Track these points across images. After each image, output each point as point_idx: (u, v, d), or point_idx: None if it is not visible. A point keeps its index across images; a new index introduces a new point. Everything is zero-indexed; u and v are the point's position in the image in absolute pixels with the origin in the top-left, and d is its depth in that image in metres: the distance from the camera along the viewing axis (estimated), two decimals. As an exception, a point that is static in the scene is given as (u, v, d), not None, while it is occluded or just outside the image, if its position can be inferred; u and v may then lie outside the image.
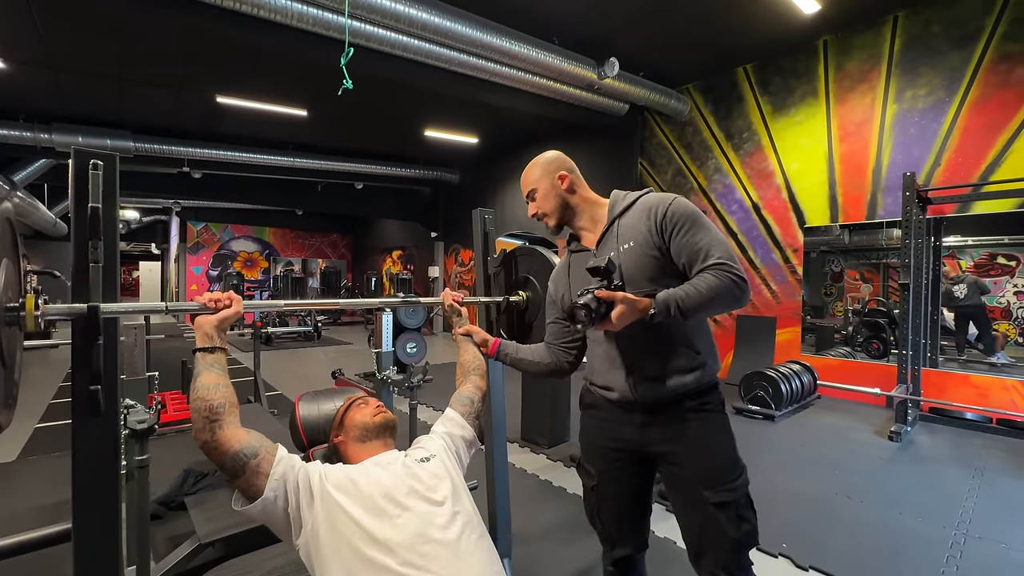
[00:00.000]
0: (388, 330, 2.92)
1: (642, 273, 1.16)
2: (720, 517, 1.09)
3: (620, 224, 1.24)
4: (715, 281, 1.06)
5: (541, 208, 1.34)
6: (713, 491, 1.10)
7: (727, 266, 1.07)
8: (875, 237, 6.30)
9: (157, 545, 1.97)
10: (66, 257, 0.91)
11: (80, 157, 0.88)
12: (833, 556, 2.08)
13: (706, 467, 1.13)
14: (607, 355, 1.22)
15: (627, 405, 1.20)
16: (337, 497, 0.96)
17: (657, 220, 1.15)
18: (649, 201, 1.21)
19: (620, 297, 1.04)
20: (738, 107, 5.72)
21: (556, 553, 2.10)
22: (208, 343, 1.00)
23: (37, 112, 6.63)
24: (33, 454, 3.28)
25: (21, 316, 0.79)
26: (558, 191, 1.32)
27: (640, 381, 1.17)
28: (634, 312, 1.04)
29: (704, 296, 1.05)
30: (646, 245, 1.16)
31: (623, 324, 1.05)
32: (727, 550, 1.10)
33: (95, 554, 0.87)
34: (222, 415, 0.92)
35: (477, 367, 1.42)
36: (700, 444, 1.15)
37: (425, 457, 1.12)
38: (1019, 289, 6.50)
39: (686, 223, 1.13)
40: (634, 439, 1.21)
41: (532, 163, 1.36)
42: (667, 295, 1.06)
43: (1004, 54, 4.03)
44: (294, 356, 7.62)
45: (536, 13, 4.52)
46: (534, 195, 1.35)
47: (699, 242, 1.11)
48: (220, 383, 0.95)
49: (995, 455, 3.31)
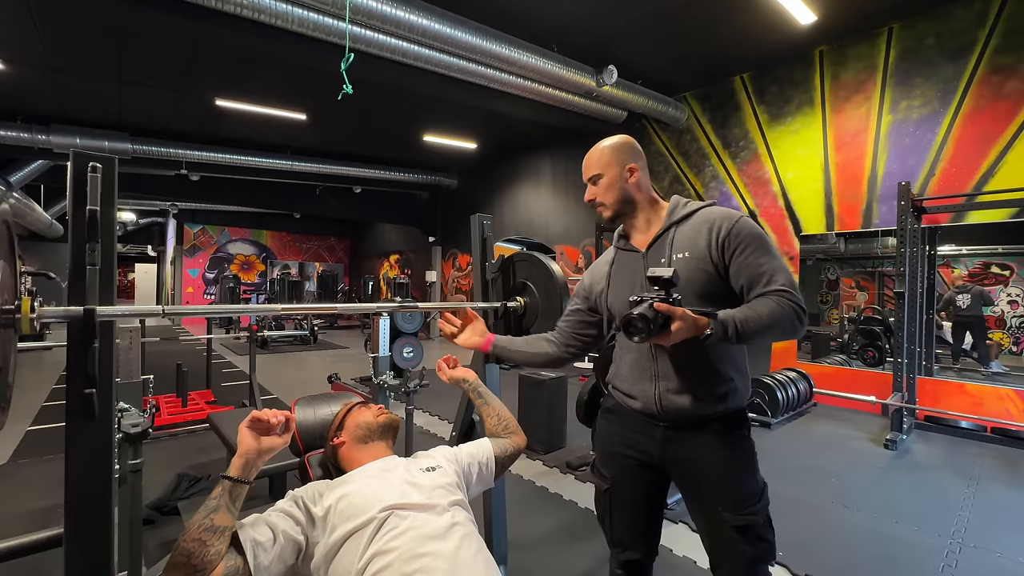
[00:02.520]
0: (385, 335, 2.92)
1: (691, 286, 1.11)
2: (739, 539, 1.09)
3: (677, 231, 1.18)
4: (776, 308, 1.03)
5: (601, 197, 1.25)
6: (733, 514, 1.09)
7: (790, 294, 1.04)
8: (870, 245, 6.35)
9: (149, 550, 1.95)
10: (61, 258, 0.90)
11: (79, 159, 0.88)
12: (829, 564, 2.07)
13: (728, 491, 1.11)
14: (637, 364, 1.19)
15: (649, 417, 1.18)
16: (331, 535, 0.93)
17: (719, 236, 1.11)
18: (712, 214, 1.15)
19: (680, 313, 0.97)
20: (735, 115, 5.77)
21: (552, 560, 2.09)
22: (243, 475, 0.91)
23: (35, 113, 6.62)
24: (24, 457, 3.25)
25: (17, 318, 0.78)
26: (624, 183, 1.23)
27: (666, 395, 1.13)
28: (691, 330, 0.99)
29: (764, 323, 1.02)
30: (701, 259, 1.12)
31: (678, 340, 0.99)
32: (744, 566, 1.10)
33: (86, 559, 0.86)
34: (208, 571, 0.81)
35: (507, 426, 1.36)
36: (723, 468, 1.12)
37: (431, 467, 1.11)
38: (1013, 298, 6.55)
39: (751, 244, 1.09)
40: (653, 452, 1.18)
41: (602, 145, 1.25)
42: (727, 316, 1.01)
43: (997, 66, 4.08)
44: (290, 360, 7.58)
45: (536, 20, 4.55)
46: (597, 180, 1.25)
47: (762, 265, 1.07)
48: (226, 528, 0.84)
49: (989, 464, 3.32)
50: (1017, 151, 3.98)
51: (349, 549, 0.92)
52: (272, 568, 0.88)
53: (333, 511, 0.96)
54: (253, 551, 0.86)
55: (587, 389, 3.14)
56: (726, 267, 1.11)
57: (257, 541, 0.88)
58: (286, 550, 0.91)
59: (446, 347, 9.45)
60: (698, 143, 6.15)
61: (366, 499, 0.98)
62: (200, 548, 0.80)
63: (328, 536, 0.93)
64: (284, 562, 0.91)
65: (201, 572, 0.79)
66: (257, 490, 2.39)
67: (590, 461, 3.22)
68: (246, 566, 0.84)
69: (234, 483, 0.89)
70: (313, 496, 1.00)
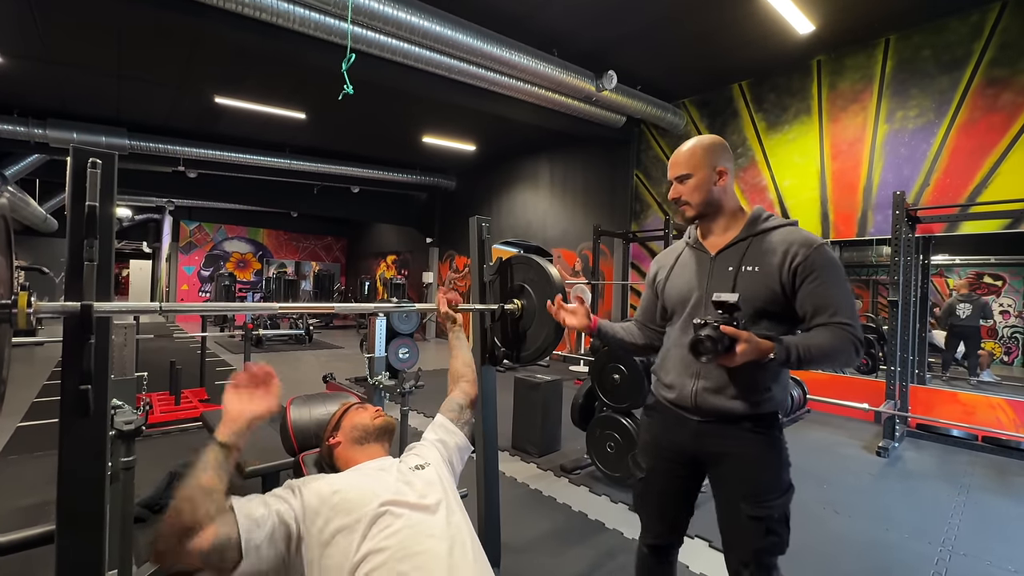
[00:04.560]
0: (381, 335, 2.92)
1: (753, 301, 1.15)
2: (751, 527, 1.15)
3: (752, 243, 1.20)
4: (838, 342, 1.08)
5: (687, 196, 1.25)
6: (749, 505, 1.15)
7: (852, 328, 1.08)
8: (865, 254, 6.39)
9: (140, 549, 1.93)
10: (54, 253, 0.90)
11: (79, 155, 0.88)
12: (820, 570, 2.08)
13: (749, 484, 1.17)
14: (683, 359, 1.21)
15: (681, 409, 1.24)
16: (321, 521, 0.93)
17: (794, 260, 1.13)
18: (792, 236, 1.17)
19: (745, 336, 1.04)
20: (733, 122, 5.81)
21: (545, 562, 2.09)
22: (233, 438, 0.90)
23: (32, 107, 6.58)
24: (14, 453, 3.22)
25: (13, 313, 0.78)
26: (712, 185, 1.23)
27: (702, 393, 1.19)
28: (755, 353, 1.05)
29: (824, 352, 1.08)
30: (770, 277, 1.15)
31: (742, 362, 1.05)
32: (751, 554, 1.17)
33: (79, 556, 0.85)
34: (199, 531, 0.81)
35: (465, 373, 1.43)
36: (748, 462, 1.18)
37: (420, 465, 1.12)
38: (1004, 308, 6.61)
39: (823, 273, 1.11)
40: (687, 444, 1.24)
41: (694, 144, 1.25)
42: (790, 344, 1.07)
43: (991, 79, 4.13)
44: (285, 359, 7.55)
45: (536, 24, 4.57)
46: (686, 180, 1.24)
47: (831, 296, 1.10)
48: (215, 491, 0.84)
49: (980, 472, 3.34)
50: (1011, 163, 4.03)
51: (343, 544, 0.91)
52: (263, 550, 0.87)
53: (328, 504, 0.95)
54: (247, 527, 0.86)
55: (582, 392, 3.14)
56: (794, 290, 1.14)
57: (252, 517, 0.88)
58: (278, 532, 0.90)
59: (442, 348, 9.44)
60: (696, 149, 6.18)
61: (362, 494, 0.98)
62: (190, 507, 0.81)
63: (322, 527, 0.93)
64: (275, 546, 0.90)
65: (191, 531, 0.80)
66: (250, 490, 2.37)
67: (583, 464, 3.23)
68: (238, 539, 0.84)
69: (221, 447, 0.89)
70: (309, 486, 1.00)
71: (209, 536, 0.81)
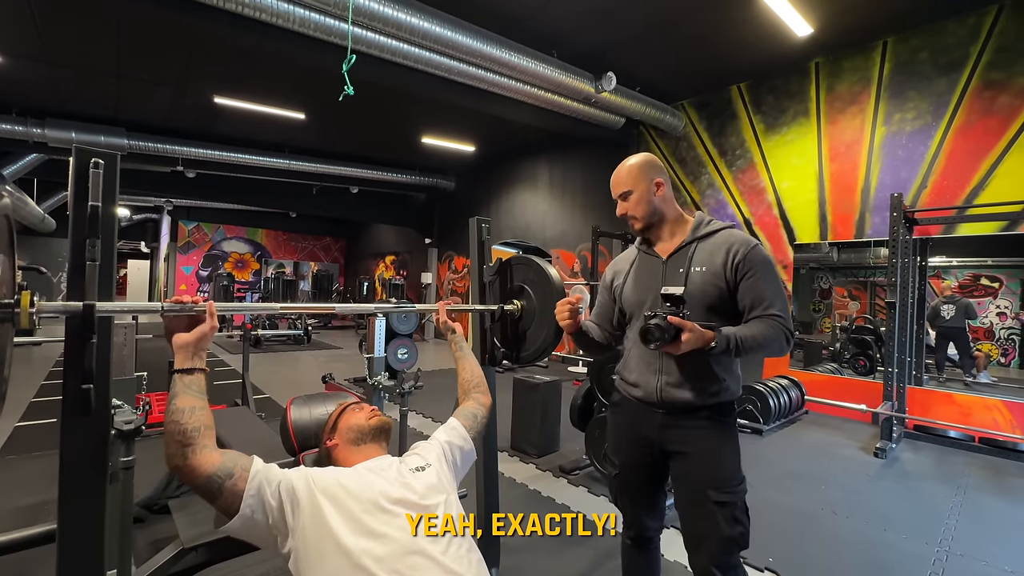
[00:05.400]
0: (380, 335, 2.93)
1: (703, 299, 1.27)
2: (719, 514, 1.21)
3: (699, 246, 1.32)
4: (770, 331, 1.21)
5: (632, 211, 1.39)
6: (717, 491, 1.23)
7: (783, 320, 1.22)
8: (863, 255, 6.41)
9: (139, 549, 1.94)
10: (51, 253, 0.90)
11: (81, 155, 0.89)
12: (818, 570, 2.09)
13: (713, 470, 1.26)
14: (643, 358, 1.34)
15: (648, 404, 1.33)
16: (324, 504, 0.94)
17: (735, 259, 1.26)
18: (732, 238, 1.30)
19: (689, 326, 1.15)
20: (732, 124, 5.83)
21: (544, 563, 2.09)
22: (187, 364, 0.95)
23: (30, 106, 6.57)
24: (12, 454, 3.21)
25: (16, 313, 0.78)
26: (652, 197, 1.37)
27: (666, 388, 1.29)
28: (698, 341, 1.16)
29: (758, 342, 1.20)
30: (716, 276, 1.27)
31: (687, 349, 1.16)
32: (719, 545, 1.22)
33: (80, 554, 0.86)
34: (196, 440, 0.87)
35: (478, 384, 1.41)
36: (711, 449, 1.27)
37: (420, 466, 1.12)
38: (1001, 310, 6.64)
39: (760, 270, 1.25)
40: (653, 436, 1.34)
41: (630, 163, 1.40)
42: (729, 333, 1.19)
43: (988, 82, 4.16)
44: (283, 359, 7.54)
45: (536, 26, 4.58)
46: (628, 196, 1.39)
47: (765, 291, 1.24)
48: (196, 406, 0.90)
49: (977, 473, 3.36)
50: (1007, 165, 4.05)
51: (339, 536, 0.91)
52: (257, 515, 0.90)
53: (328, 495, 0.96)
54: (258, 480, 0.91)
55: (581, 393, 3.15)
56: (736, 286, 1.26)
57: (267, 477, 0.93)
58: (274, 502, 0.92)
59: (440, 349, 9.44)
60: (695, 151, 6.20)
61: (362, 492, 0.98)
62: (176, 427, 0.86)
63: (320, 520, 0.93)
64: (267, 511, 0.91)
65: (188, 446, 0.86)
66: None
67: (582, 465, 3.23)
68: (241, 480, 0.89)
69: (180, 373, 0.93)
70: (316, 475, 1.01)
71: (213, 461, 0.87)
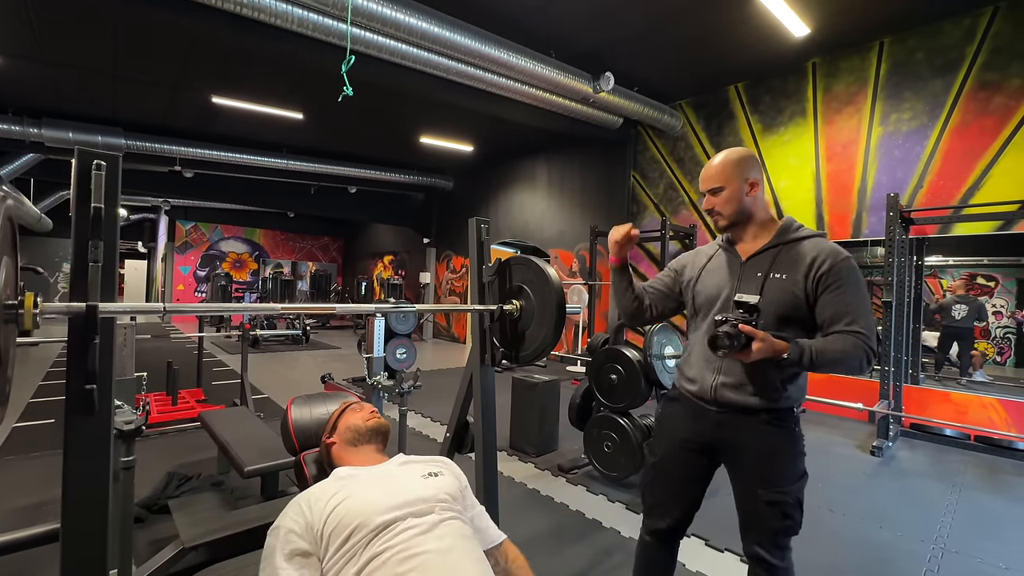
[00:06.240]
0: (380, 335, 2.93)
1: (778, 306, 1.22)
2: (768, 511, 1.23)
3: (782, 251, 1.26)
4: (850, 348, 1.14)
5: (720, 208, 1.32)
6: (766, 491, 1.23)
7: (865, 337, 1.15)
8: (859, 255, 6.42)
9: (139, 549, 1.94)
10: (48, 253, 0.90)
11: (83, 157, 0.89)
12: (814, 568, 2.10)
13: (766, 471, 1.25)
14: (705, 355, 1.29)
15: (702, 401, 1.32)
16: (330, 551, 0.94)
17: (819, 271, 1.19)
18: (818, 247, 1.23)
19: (761, 336, 1.12)
20: (729, 124, 5.84)
21: (543, 562, 2.10)
22: None
23: (27, 106, 6.55)
24: (10, 454, 3.21)
25: (20, 314, 0.79)
26: (743, 197, 1.29)
27: (720, 388, 1.27)
28: (769, 351, 1.13)
29: (836, 357, 1.14)
30: (795, 285, 1.21)
31: (757, 359, 1.13)
32: (768, 535, 1.25)
33: (83, 555, 0.86)
34: None
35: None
36: (763, 451, 1.25)
37: (432, 472, 1.11)
38: (997, 309, 6.68)
39: (845, 283, 1.18)
40: (706, 433, 1.32)
41: (724, 158, 1.31)
42: (804, 345, 1.14)
43: (984, 82, 4.18)
44: (282, 359, 7.54)
45: (534, 26, 4.59)
46: (718, 192, 1.31)
47: (849, 305, 1.17)
48: None
49: (972, 471, 3.38)
50: (1003, 165, 4.07)
51: (348, 557, 0.92)
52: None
53: (330, 526, 0.95)
54: None
55: (579, 393, 3.16)
56: (816, 298, 1.20)
57: None
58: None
59: (439, 349, 9.44)
60: (692, 151, 6.22)
61: (366, 504, 0.98)
62: None
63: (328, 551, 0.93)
64: None
65: None
66: (249, 489, 2.38)
67: (581, 464, 3.24)
68: None
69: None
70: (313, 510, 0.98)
71: None
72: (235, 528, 1.79)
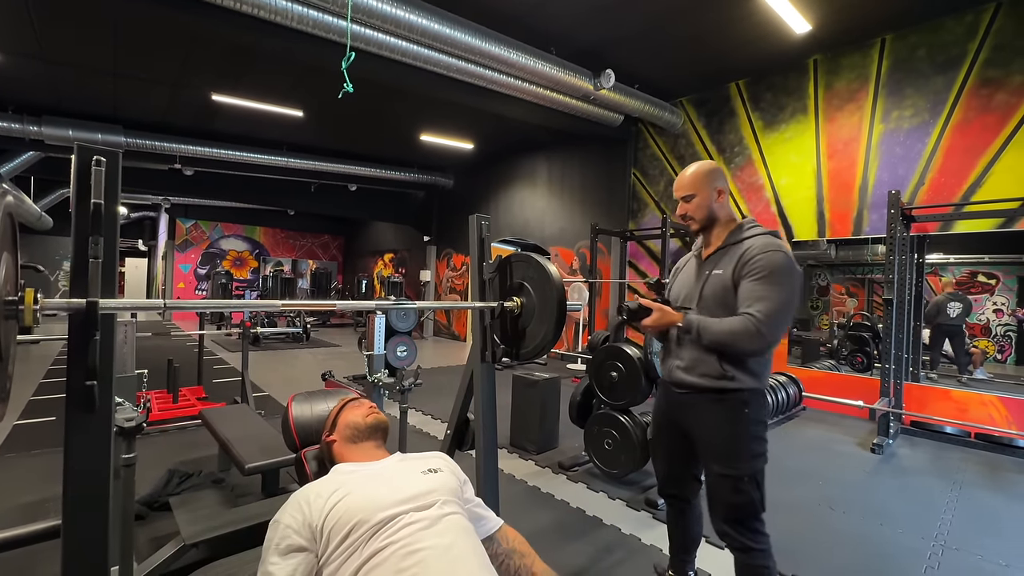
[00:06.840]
0: (380, 333, 2.93)
1: (715, 299, 1.40)
2: (721, 484, 1.39)
3: (729, 250, 1.43)
4: (738, 325, 1.30)
5: (692, 213, 1.49)
6: (718, 464, 1.40)
7: (756, 319, 1.28)
8: (860, 253, 6.43)
9: (140, 546, 1.94)
10: (48, 251, 0.90)
11: (83, 153, 0.89)
12: (815, 565, 2.11)
13: (713, 446, 1.42)
14: (668, 345, 1.57)
15: (669, 383, 1.56)
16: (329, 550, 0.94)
17: (742, 261, 1.36)
18: (754, 243, 1.38)
19: (656, 307, 1.43)
20: (730, 121, 5.83)
21: (544, 558, 2.09)
22: None
23: (27, 104, 6.55)
24: (11, 451, 3.22)
25: (20, 310, 0.78)
26: (712, 203, 1.47)
27: (675, 369, 1.50)
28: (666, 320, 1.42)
29: (721, 332, 1.33)
30: (726, 277, 1.39)
31: (656, 327, 1.44)
32: (726, 510, 1.40)
33: (84, 552, 0.86)
34: None
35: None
36: (711, 429, 1.43)
37: (432, 469, 1.11)
38: (998, 307, 6.67)
39: (762, 273, 1.32)
40: (673, 413, 1.56)
41: (696, 169, 1.49)
42: (693, 319, 1.38)
43: (985, 79, 4.17)
44: (282, 357, 7.54)
45: (535, 23, 4.58)
46: (690, 200, 1.48)
47: (755, 291, 1.31)
48: None
49: (973, 468, 3.38)
50: (1004, 163, 4.06)
51: (349, 553, 0.92)
52: None
53: (331, 522, 0.95)
54: None
55: (580, 390, 3.16)
56: (736, 286, 1.37)
57: None
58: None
59: (439, 346, 9.45)
60: (693, 148, 6.20)
61: (366, 500, 0.97)
62: None
63: (328, 547, 0.93)
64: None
65: None
66: (250, 487, 2.38)
67: (581, 461, 3.25)
68: None
69: None
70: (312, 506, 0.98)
71: None
72: (236, 525, 1.79)
